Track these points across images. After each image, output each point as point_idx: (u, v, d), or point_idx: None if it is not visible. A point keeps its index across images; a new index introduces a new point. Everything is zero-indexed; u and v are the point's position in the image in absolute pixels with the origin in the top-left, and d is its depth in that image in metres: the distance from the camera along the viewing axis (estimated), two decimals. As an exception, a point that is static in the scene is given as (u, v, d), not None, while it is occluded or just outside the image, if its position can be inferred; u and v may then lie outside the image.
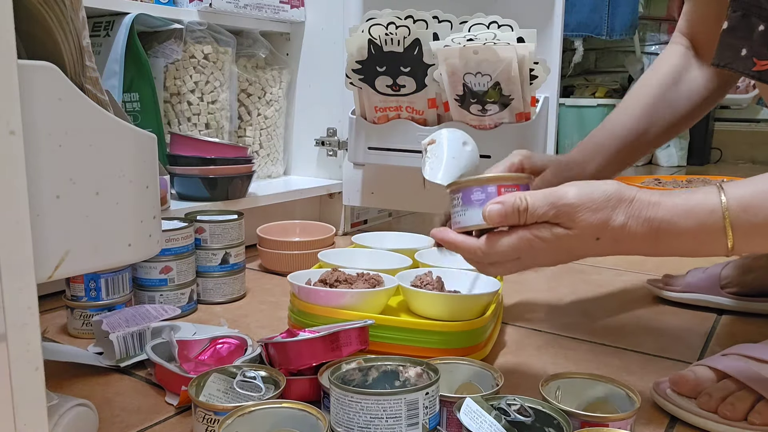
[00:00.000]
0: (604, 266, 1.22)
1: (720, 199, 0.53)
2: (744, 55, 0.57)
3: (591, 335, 0.87)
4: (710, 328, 0.90)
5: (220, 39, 1.27)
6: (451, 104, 1.10)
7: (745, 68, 0.57)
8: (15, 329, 0.38)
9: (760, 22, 0.55)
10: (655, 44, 2.86)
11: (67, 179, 0.43)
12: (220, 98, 1.26)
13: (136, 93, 1.14)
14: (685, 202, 0.55)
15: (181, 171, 1.12)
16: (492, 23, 1.03)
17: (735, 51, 0.58)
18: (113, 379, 0.72)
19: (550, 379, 0.60)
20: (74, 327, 0.84)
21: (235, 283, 0.98)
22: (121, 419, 0.63)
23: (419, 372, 0.56)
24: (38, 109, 0.41)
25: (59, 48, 0.49)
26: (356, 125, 1.20)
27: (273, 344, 0.65)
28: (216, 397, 0.61)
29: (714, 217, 0.53)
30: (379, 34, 1.08)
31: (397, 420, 0.50)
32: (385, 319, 0.72)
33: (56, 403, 0.52)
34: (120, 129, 0.47)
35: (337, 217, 1.44)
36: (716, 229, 0.53)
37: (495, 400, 0.54)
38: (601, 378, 0.61)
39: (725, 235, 0.53)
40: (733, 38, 0.58)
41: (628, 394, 0.58)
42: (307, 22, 1.43)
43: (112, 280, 0.84)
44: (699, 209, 0.54)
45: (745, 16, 0.57)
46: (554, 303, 1.00)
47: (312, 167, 1.48)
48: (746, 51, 0.57)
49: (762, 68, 0.56)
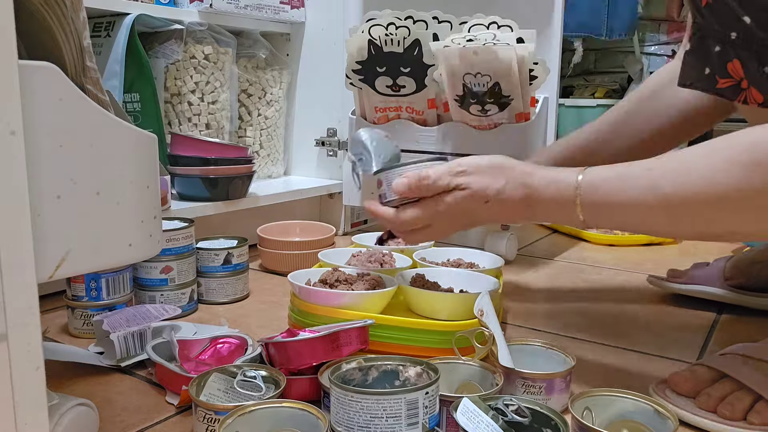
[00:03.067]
0: (604, 266, 1.22)
1: (577, 177, 0.62)
2: (708, 74, 0.61)
3: (591, 335, 0.87)
4: (709, 327, 0.90)
5: (221, 39, 1.27)
6: (450, 105, 1.10)
7: (709, 86, 0.61)
8: (16, 329, 0.39)
9: (716, 43, 0.59)
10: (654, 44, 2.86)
11: (68, 179, 0.43)
12: (220, 98, 1.26)
13: (137, 93, 1.14)
14: (551, 174, 0.64)
15: (181, 171, 1.13)
16: (492, 24, 1.03)
17: (699, 71, 0.62)
18: (114, 378, 0.72)
19: (578, 398, 0.58)
20: (75, 327, 0.84)
21: (238, 283, 0.98)
22: (121, 419, 0.63)
23: (419, 372, 0.57)
24: (39, 109, 0.41)
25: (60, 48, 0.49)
26: (356, 125, 1.20)
27: (273, 344, 0.65)
28: (216, 396, 0.61)
29: (569, 191, 0.62)
30: (379, 35, 1.08)
31: (397, 419, 0.50)
32: (385, 318, 0.72)
33: (57, 403, 0.52)
34: (121, 129, 0.47)
35: (337, 217, 1.45)
36: (569, 201, 0.62)
37: (492, 400, 0.54)
38: (629, 393, 0.59)
39: (575, 207, 0.62)
40: (696, 59, 0.62)
41: (658, 410, 0.56)
42: (307, 23, 1.43)
43: (112, 279, 0.84)
44: (560, 181, 0.63)
45: (703, 38, 0.60)
46: (554, 303, 1.00)
47: (312, 167, 1.48)
48: (709, 70, 0.60)
49: (723, 86, 0.59)
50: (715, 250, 1.35)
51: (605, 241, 1.40)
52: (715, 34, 0.58)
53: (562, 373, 0.63)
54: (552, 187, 0.63)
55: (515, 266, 1.20)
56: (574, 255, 1.31)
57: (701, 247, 1.39)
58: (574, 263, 1.24)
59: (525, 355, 0.68)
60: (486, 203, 0.66)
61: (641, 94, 0.88)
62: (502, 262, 0.90)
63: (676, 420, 0.54)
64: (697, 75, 0.62)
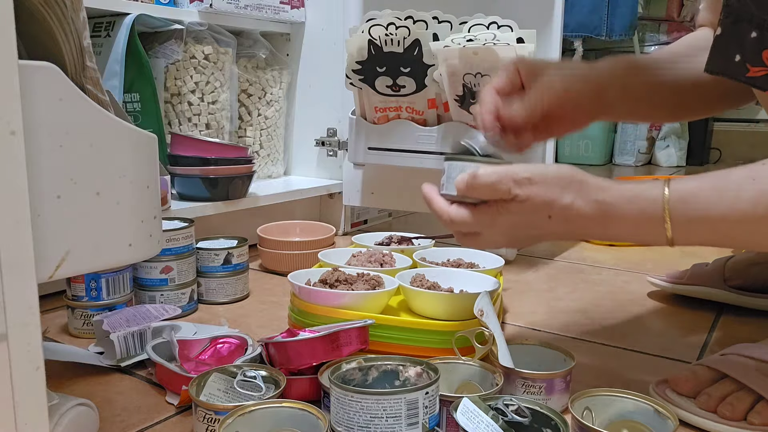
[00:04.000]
0: (604, 266, 1.22)
1: (663, 191, 0.57)
2: (737, 61, 0.57)
3: (591, 335, 0.87)
4: (709, 327, 0.90)
5: (221, 39, 1.27)
6: (450, 104, 1.10)
7: (739, 74, 0.58)
8: (16, 329, 0.39)
9: (752, 28, 0.56)
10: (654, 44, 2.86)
11: (68, 179, 0.43)
12: (220, 98, 1.26)
13: (137, 93, 1.14)
14: (631, 189, 0.58)
15: (181, 171, 1.13)
16: (492, 24, 1.03)
17: (728, 57, 0.58)
18: (114, 378, 0.72)
19: (578, 398, 0.58)
20: (75, 327, 0.84)
21: (238, 283, 0.98)
22: (121, 419, 0.63)
23: (419, 372, 0.56)
24: (39, 109, 0.41)
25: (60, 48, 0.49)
26: (356, 125, 1.20)
27: (273, 344, 0.65)
28: (216, 396, 0.61)
29: (655, 206, 0.57)
30: (379, 35, 1.08)
31: (397, 419, 0.50)
32: (385, 318, 0.72)
33: (57, 403, 0.52)
34: (121, 129, 0.47)
35: (337, 217, 1.45)
36: (656, 218, 0.57)
37: (492, 400, 0.54)
38: (629, 394, 0.59)
39: (664, 224, 0.57)
40: (726, 44, 0.58)
41: (658, 410, 0.56)
42: (308, 23, 1.43)
43: (112, 279, 0.84)
44: (642, 197, 0.57)
45: (737, 23, 0.57)
46: (554, 303, 1.00)
47: (312, 167, 1.48)
48: (740, 57, 0.57)
49: (755, 74, 0.56)
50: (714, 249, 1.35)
51: (605, 241, 1.40)
52: (752, 18, 0.55)
53: (562, 373, 0.63)
54: (634, 204, 0.58)
55: (515, 266, 1.20)
56: (574, 255, 1.31)
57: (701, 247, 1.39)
58: (574, 263, 1.24)
59: (525, 355, 0.67)
60: (549, 218, 0.60)
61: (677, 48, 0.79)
62: (502, 262, 0.90)
63: (676, 420, 0.54)
64: (725, 62, 0.58)
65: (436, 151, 1.13)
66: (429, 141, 1.14)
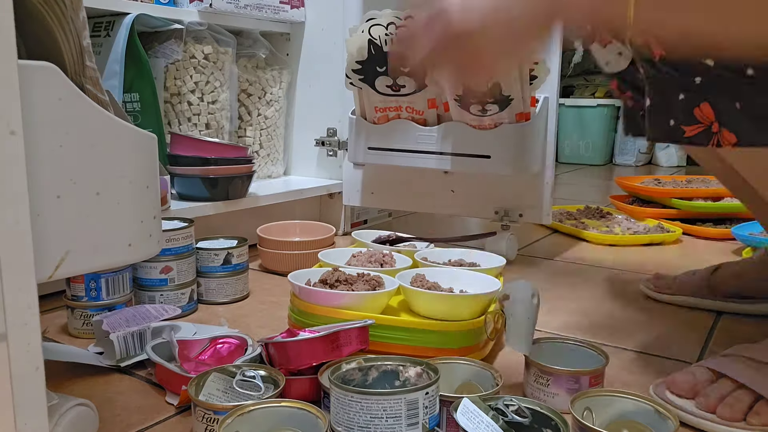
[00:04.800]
0: (604, 266, 1.22)
1: None
2: (673, 126, 0.59)
3: (591, 335, 0.87)
4: (709, 327, 0.90)
5: (221, 39, 1.27)
6: (450, 104, 1.10)
7: (678, 137, 0.59)
8: (15, 329, 0.39)
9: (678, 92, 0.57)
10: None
11: (68, 179, 0.43)
12: (220, 98, 1.26)
13: (137, 93, 1.14)
14: None
15: (181, 171, 1.13)
16: (492, 23, 1.03)
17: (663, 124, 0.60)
18: (113, 378, 0.72)
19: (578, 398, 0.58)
20: (74, 327, 0.84)
21: (237, 283, 0.98)
22: (121, 419, 0.63)
23: (419, 372, 0.56)
24: (39, 109, 0.41)
25: (59, 48, 0.49)
26: (356, 125, 1.20)
27: (273, 344, 0.65)
28: (216, 396, 0.61)
29: None
30: (379, 35, 1.08)
31: (397, 420, 0.50)
32: (385, 318, 0.72)
33: (56, 403, 0.52)
34: (120, 129, 0.47)
35: (337, 217, 1.45)
36: None
37: (492, 401, 0.54)
38: (629, 394, 0.59)
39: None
40: (658, 113, 0.60)
41: (658, 410, 0.56)
42: (307, 23, 1.43)
43: (112, 280, 0.84)
44: None
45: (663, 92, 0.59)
46: (554, 303, 1.00)
47: (312, 167, 1.48)
48: (674, 122, 0.59)
49: (692, 134, 0.58)
50: (715, 250, 1.36)
51: (605, 241, 1.40)
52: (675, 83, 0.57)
53: (594, 371, 0.64)
54: None
55: (515, 266, 1.20)
56: (574, 255, 1.31)
57: (702, 247, 1.39)
58: (574, 263, 1.24)
59: (559, 352, 0.69)
60: None
61: None
62: (503, 262, 0.90)
63: (676, 420, 0.54)
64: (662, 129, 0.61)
65: (436, 151, 1.13)
66: (429, 141, 1.14)
